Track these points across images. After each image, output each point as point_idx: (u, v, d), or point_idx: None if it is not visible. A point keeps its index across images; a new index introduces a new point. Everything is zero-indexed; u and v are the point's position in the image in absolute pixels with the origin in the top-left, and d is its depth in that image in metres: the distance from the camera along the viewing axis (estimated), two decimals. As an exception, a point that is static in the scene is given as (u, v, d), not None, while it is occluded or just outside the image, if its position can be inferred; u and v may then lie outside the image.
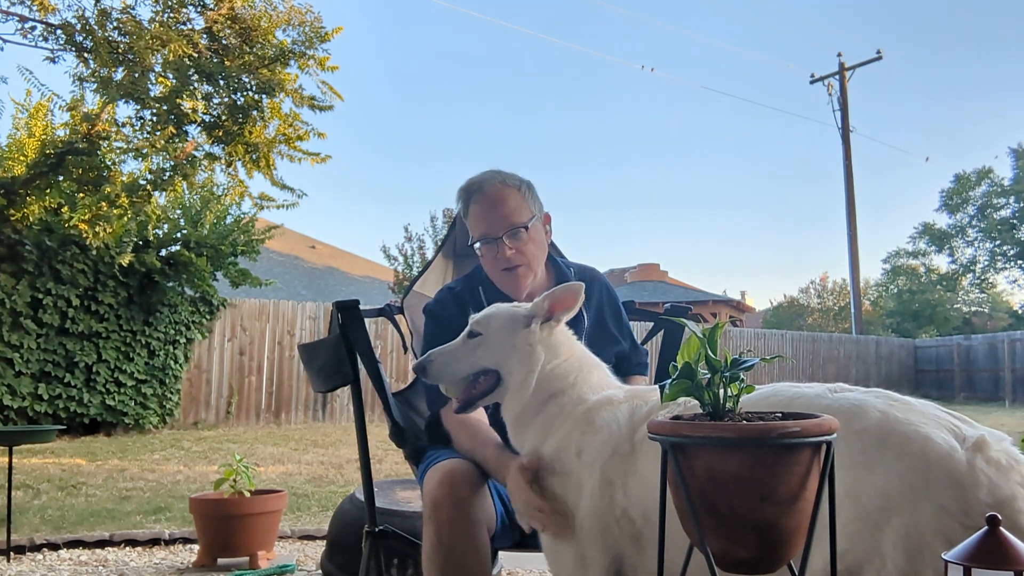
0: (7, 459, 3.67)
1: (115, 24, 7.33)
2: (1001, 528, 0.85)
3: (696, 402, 1.12)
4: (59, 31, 7.30)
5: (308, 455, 7.66)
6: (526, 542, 1.81)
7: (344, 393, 10.88)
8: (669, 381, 1.09)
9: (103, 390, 9.26)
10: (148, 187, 7.98)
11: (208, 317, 10.58)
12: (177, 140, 7.78)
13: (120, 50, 7.33)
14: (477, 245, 2.03)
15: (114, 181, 7.83)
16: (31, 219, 8.51)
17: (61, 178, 8.12)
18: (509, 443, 1.73)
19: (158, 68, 7.50)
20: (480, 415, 1.89)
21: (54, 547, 3.75)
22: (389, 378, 2.17)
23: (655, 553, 1.42)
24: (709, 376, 1.06)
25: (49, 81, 24.43)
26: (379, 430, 6.14)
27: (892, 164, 63.44)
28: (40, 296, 8.79)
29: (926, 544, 1.10)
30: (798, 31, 59.05)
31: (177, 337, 10.10)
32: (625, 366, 2.10)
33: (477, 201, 2.02)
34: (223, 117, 7.89)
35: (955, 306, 30.81)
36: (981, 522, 0.88)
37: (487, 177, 2.04)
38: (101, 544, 3.83)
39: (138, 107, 7.69)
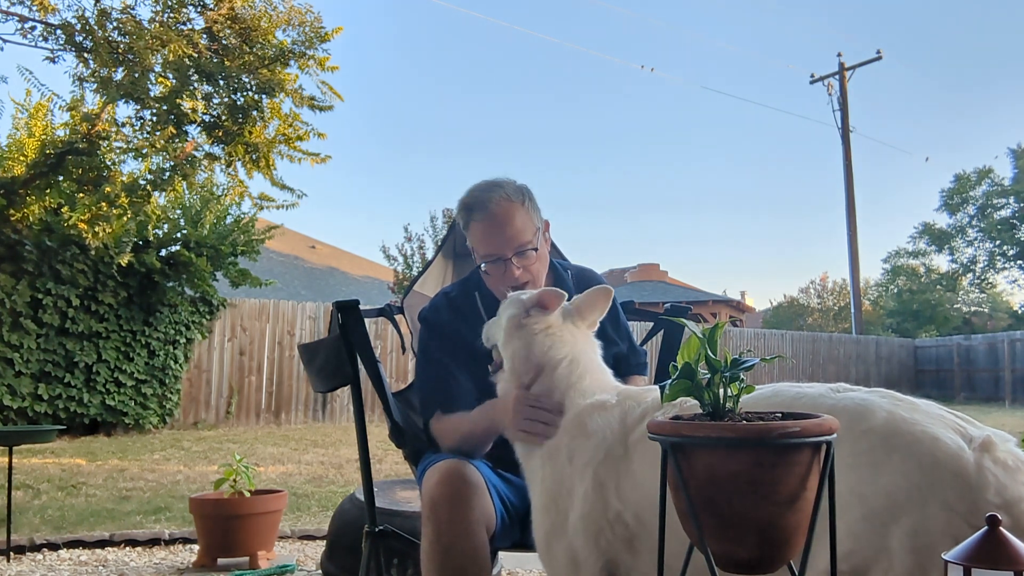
0: (7, 459, 3.67)
1: (115, 24, 7.33)
2: (1001, 528, 0.85)
3: (692, 402, 1.12)
4: (59, 31, 7.30)
5: (308, 455, 7.66)
6: (526, 542, 1.81)
7: (344, 393, 10.88)
8: (669, 381, 1.09)
9: (103, 390, 9.25)
10: (148, 187, 7.98)
11: (208, 317, 10.58)
12: (177, 140, 7.78)
13: (120, 50, 7.33)
14: (482, 265, 1.99)
15: (114, 181, 7.83)
16: (31, 219, 8.51)
17: (61, 178, 8.12)
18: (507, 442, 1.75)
19: (158, 68, 7.50)
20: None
21: (54, 547, 3.75)
22: (389, 378, 2.17)
23: (649, 557, 1.42)
24: (709, 376, 1.06)
25: (49, 81, 24.47)
26: (379, 430, 6.15)
27: (892, 164, 63.44)
28: (40, 296, 8.79)
29: (934, 544, 1.10)
30: (798, 31, 59.04)
31: (177, 337, 10.10)
32: (624, 367, 2.09)
33: (480, 220, 1.95)
34: (223, 117, 7.89)
35: (955, 306, 30.80)
36: (987, 523, 0.88)
37: (490, 194, 1.95)
38: (101, 544, 3.83)
39: (138, 107, 7.70)
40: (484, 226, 1.95)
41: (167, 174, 8.01)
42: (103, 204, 7.74)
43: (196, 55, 7.41)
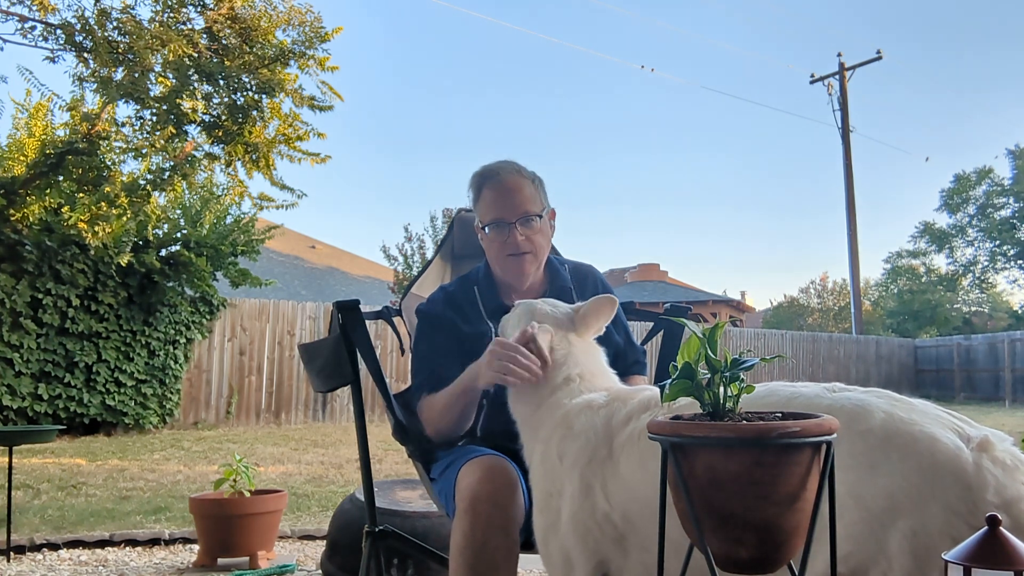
0: (7, 459, 3.67)
1: (115, 24, 7.33)
2: (1001, 528, 0.85)
3: (678, 404, 1.11)
4: (59, 31, 7.30)
5: (308, 455, 7.66)
6: (530, 542, 1.81)
7: (344, 393, 10.88)
8: (669, 381, 1.08)
9: (103, 390, 9.25)
10: (148, 187, 7.98)
11: (208, 317, 10.58)
12: (177, 140, 7.78)
13: (120, 50, 7.34)
14: (486, 229, 2.03)
15: (114, 181, 7.83)
16: (31, 219, 8.50)
17: (61, 178, 8.12)
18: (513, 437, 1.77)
19: (158, 68, 7.50)
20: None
21: (54, 547, 3.75)
22: (389, 379, 2.18)
23: (640, 556, 1.43)
24: (709, 376, 1.06)
25: (49, 81, 24.47)
26: (379, 430, 6.15)
27: (892, 164, 63.41)
28: (40, 296, 8.79)
29: (933, 545, 1.09)
30: (798, 31, 59.03)
31: (177, 337, 10.10)
32: (622, 364, 2.09)
33: (492, 187, 2.03)
34: (223, 117, 7.89)
35: (955, 306, 30.81)
36: (986, 523, 0.87)
37: (503, 165, 2.07)
38: (101, 544, 3.83)
39: (138, 107, 7.70)
40: (493, 193, 2.02)
41: (167, 174, 8.01)
42: (103, 204, 7.74)
43: (196, 55, 7.42)
